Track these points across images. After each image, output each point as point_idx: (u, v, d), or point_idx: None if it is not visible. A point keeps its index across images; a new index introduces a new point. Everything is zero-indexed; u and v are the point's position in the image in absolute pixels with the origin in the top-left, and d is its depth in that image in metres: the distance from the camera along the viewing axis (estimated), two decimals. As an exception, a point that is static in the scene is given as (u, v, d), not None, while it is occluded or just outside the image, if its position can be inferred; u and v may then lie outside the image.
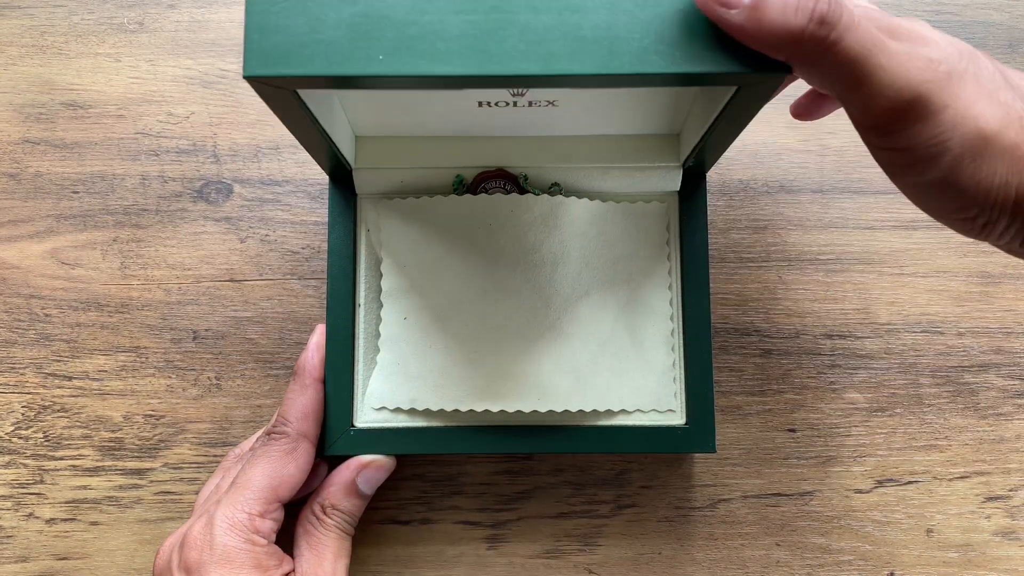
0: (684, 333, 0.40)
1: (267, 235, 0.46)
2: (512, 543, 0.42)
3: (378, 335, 0.40)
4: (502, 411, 0.38)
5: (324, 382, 0.39)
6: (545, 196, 0.40)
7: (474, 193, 0.41)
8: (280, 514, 0.35)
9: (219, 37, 0.48)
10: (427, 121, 0.39)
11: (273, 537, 0.35)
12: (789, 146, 0.48)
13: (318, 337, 0.39)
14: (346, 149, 0.39)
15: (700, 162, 0.39)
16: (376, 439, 0.39)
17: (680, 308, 0.40)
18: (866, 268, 0.46)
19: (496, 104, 0.36)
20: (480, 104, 0.37)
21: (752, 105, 0.30)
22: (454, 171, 0.41)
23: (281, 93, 0.27)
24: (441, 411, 0.39)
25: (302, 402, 0.38)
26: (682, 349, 0.40)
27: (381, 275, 0.40)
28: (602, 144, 0.41)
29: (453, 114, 0.38)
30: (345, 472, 0.38)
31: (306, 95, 0.30)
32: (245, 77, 0.26)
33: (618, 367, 0.39)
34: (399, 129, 0.40)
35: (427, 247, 0.40)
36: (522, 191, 0.41)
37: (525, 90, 0.35)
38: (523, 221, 0.39)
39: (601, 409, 0.39)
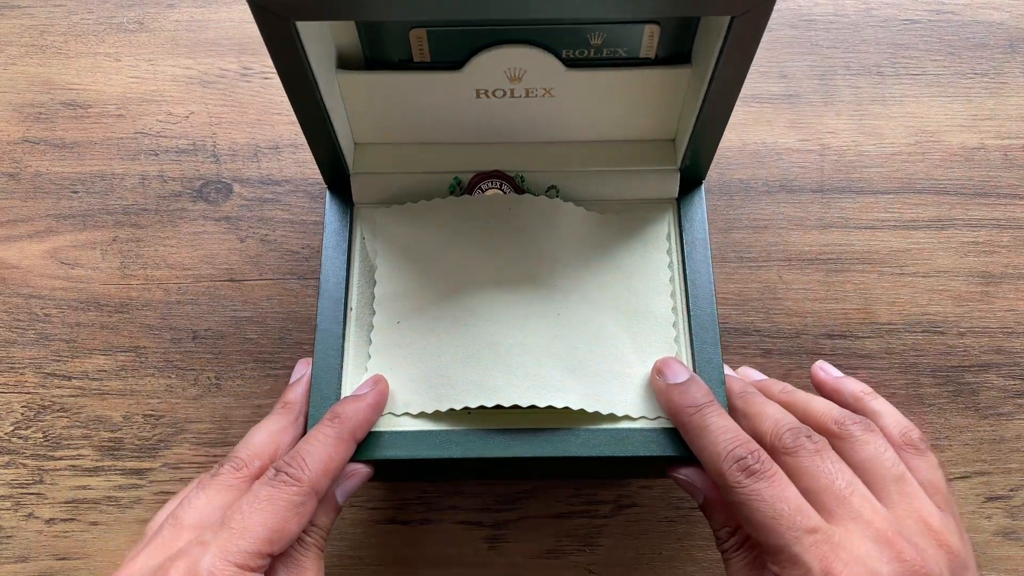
0: (691, 342, 0.39)
1: (267, 235, 0.46)
2: (512, 543, 0.42)
3: (369, 342, 0.39)
4: (498, 406, 0.37)
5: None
6: (543, 196, 0.40)
7: (470, 194, 0.40)
8: (268, 562, 0.32)
9: (219, 37, 0.48)
10: (425, 118, 0.39)
11: None
12: (789, 146, 0.48)
13: (374, 396, 0.36)
14: (345, 152, 0.38)
15: (696, 163, 0.39)
16: (366, 444, 0.38)
17: (684, 316, 0.39)
18: (866, 268, 0.46)
19: (494, 94, 0.37)
20: (478, 94, 0.37)
21: (747, 44, 0.30)
22: (451, 176, 0.41)
23: (281, 28, 0.28)
24: (436, 413, 0.38)
25: (330, 455, 0.33)
26: (689, 357, 0.39)
27: (375, 283, 0.39)
28: (599, 149, 0.41)
29: (451, 106, 0.38)
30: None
31: (312, 55, 0.31)
32: (249, 2, 0.27)
33: (621, 372, 0.38)
34: (397, 134, 0.40)
35: (423, 249, 0.39)
36: (519, 191, 0.40)
37: (522, 73, 0.36)
38: (521, 218, 0.39)
39: (604, 412, 0.37)
